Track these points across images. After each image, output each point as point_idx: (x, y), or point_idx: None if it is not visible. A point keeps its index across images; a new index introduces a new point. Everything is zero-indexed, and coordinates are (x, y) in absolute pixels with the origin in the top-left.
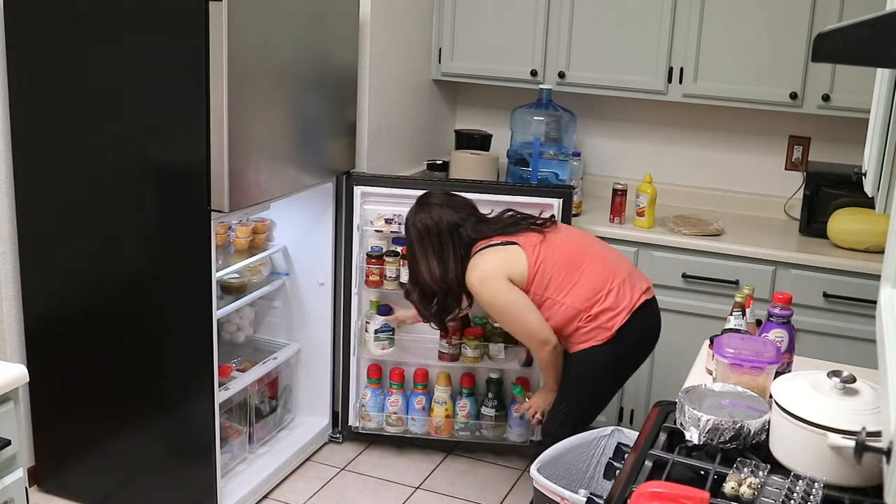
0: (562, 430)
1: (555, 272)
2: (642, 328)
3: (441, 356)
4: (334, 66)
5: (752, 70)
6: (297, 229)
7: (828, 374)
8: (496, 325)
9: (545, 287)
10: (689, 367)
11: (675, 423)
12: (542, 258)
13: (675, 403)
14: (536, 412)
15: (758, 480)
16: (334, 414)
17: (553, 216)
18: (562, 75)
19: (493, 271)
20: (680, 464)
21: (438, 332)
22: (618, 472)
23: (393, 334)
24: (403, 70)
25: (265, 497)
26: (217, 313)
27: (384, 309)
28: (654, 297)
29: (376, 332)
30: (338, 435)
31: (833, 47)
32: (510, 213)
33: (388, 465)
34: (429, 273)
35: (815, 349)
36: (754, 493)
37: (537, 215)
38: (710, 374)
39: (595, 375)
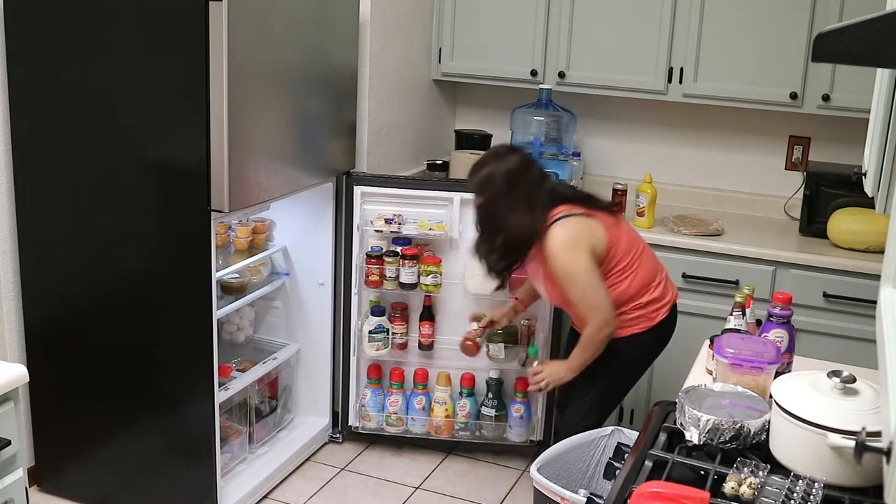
0: (584, 422)
1: (621, 256)
2: (671, 323)
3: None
4: (334, 66)
5: (752, 70)
6: (297, 229)
7: (828, 374)
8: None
9: (611, 269)
10: (689, 367)
11: (675, 423)
12: (616, 240)
13: (675, 403)
14: (545, 381)
15: (758, 480)
16: (334, 414)
17: (619, 202)
18: (562, 75)
19: (578, 239)
20: (680, 464)
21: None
22: (618, 472)
23: (388, 335)
24: (403, 70)
25: (265, 497)
26: (217, 313)
27: (378, 310)
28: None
29: (371, 332)
30: (338, 435)
31: (833, 47)
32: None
33: (388, 465)
34: (516, 220)
35: (815, 349)
36: (754, 493)
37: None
38: (710, 374)
39: (630, 363)
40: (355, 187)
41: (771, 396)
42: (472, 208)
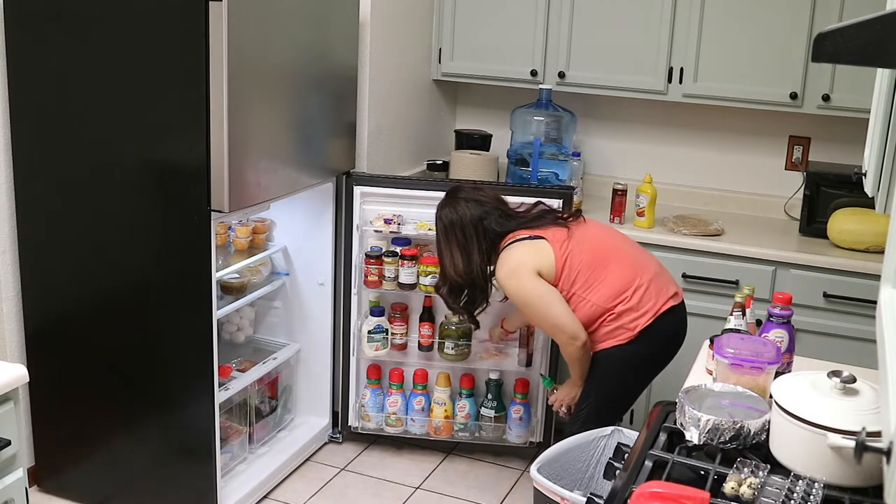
0: (583, 429)
1: (581, 268)
2: (666, 331)
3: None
4: (334, 66)
5: (752, 70)
6: (297, 229)
7: (828, 374)
8: (461, 322)
9: (571, 283)
10: (689, 367)
11: (675, 423)
12: (569, 253)
13: (676, 403)
14: (562, 405)
15: (758, 480)
16: (334, 414)
17: (579, 210)
18: (562, 75)
19: (520, 265)
20: (680, 464)
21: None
22: (618, 472)
23: (386, 335)
24: (403, 70)
25: (265, 497)
26: (217, 313)
27: (377, 310)
28: (682, 303)
29: (370, 332)
30: (338, 435)
31: (833, 47)
32: (538, 206)
33: (388, 465)
34: (453, 267)
35: (815, 349)
36: (754, 493)
37: (561, 209)
38: (711, 374)
39: (617, 375)
40: (355, 187)
41: (771, 396)
42: None
